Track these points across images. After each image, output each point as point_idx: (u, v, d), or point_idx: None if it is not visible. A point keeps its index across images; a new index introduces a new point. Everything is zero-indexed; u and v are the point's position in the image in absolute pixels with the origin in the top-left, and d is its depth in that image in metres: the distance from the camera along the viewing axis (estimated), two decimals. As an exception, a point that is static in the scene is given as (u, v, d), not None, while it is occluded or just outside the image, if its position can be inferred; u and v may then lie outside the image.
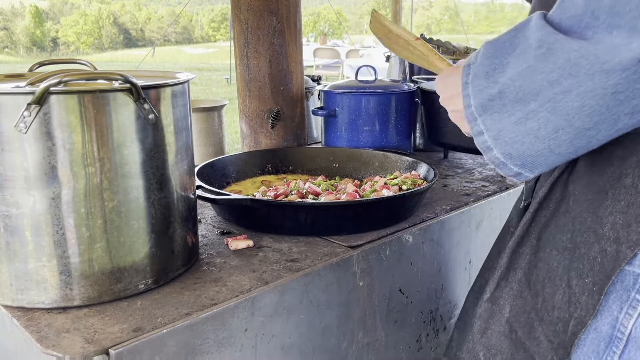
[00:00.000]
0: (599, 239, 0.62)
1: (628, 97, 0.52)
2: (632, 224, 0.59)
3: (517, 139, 0.60)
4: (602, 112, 0.53)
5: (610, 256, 0.61)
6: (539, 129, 0.57)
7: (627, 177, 0.60)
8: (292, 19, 1.46)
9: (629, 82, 0.51)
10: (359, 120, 1.50)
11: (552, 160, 0.60)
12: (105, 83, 0.77)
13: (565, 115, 0.55)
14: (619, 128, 0.54)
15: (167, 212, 0.80)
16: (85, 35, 37.13)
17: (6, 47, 30.77)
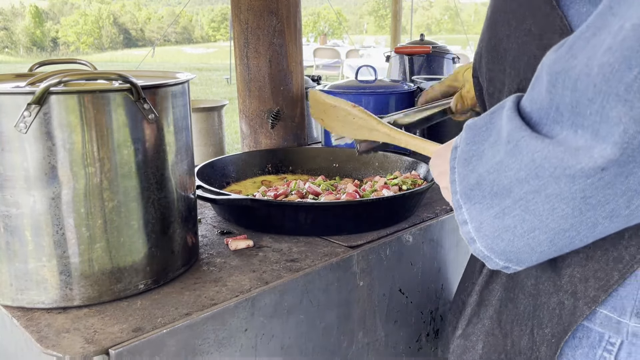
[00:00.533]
0: (557, 289, 0.60)
1: (600, 202, 0.47)
2: (589, 278, 0.57)
3: (496, 234, 0.55)
4: (575, 215, 0.49)
5: (567, 310, 0.59)
6: (515, 227, 0.53)
7: None
8: (292, 19, 1.46)
9: (596, 188, 0.46)
10: (359, 120, 1.50)
11: (539, 257, 0.55)
12: (105, 83, 0.77)
13: (539, 216, 0.51)
14: (602, 231, 0.50)
15: (167, 212, 0.80)
16: (85, 35, 37.13)
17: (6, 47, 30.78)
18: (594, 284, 0.57)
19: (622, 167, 0.44)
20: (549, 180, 0.49)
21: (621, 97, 0.42)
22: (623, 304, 0.56)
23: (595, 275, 0.57)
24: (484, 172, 0.55)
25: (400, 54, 2.14)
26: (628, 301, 0.56)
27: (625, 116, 0.42)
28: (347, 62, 11.02)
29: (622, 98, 0.42)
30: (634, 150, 0.43)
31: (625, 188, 0.46)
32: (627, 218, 0.48)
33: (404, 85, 1.56)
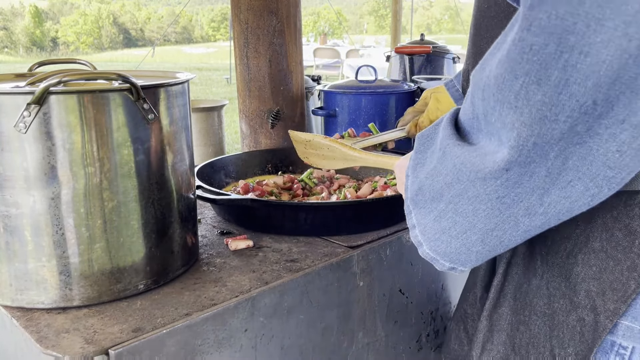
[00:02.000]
0: (575, 307, 0.60)
1: (515, 201, 0.51)
2: (606, 291, 0.57)
3: (436, 236, 0.59)
4: (496, 214, 0.52)
5: (589, 326, 0.58)
6: (450, 229, 0.57)
7: (595, 241, 0.58)
8: (292, 19, 1.46)
9: (506, 187, 0.50)
10: (359, 120, 1.50)
11: (477, 257, 0.57)
12: (104, 83, 0.77)
13: (466, 217, 0.55)
14: (526, 229, 0.53)
15: (167, 212, 0.80)
16: (85, 35, 37.13)
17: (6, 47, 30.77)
18: (612, 296, 0.56)
19: (523, 167, 0.48)
20: (468, 183, 0.53)
21: (512, 104, 0.46)
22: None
23: (612, 287, 0.56)
24: (423, 178, 0.60)
25: (400, 54, 2.14)
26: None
27: (517, 121, 0.46)
28: (347, 62, 11.02)
29: (513, 105, 0.46)
30: (529, 151, 0.47)
31: (533, 186, 0.49)
32: (545, 216, 0.51)
33: (404, 85, 1.56)
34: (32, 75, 0.86)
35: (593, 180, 0.47)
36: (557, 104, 0.44)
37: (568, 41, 0.42)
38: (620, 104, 0.43)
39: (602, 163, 0.46)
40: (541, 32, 0.43)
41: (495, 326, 0.71)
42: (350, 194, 1.12)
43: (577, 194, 0.48)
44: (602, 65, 0.42)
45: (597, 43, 0.41)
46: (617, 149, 0.45)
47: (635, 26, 0.40)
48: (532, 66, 0.44)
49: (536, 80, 0.44)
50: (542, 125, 0.45)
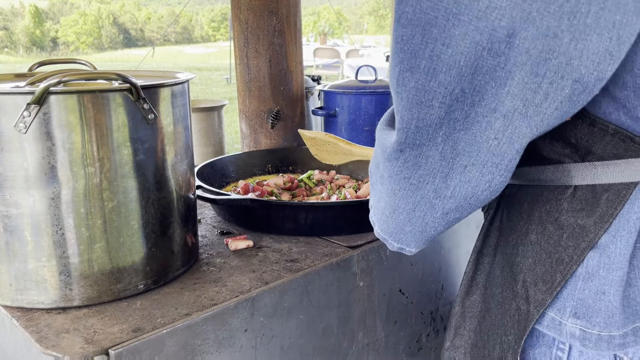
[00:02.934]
0: (514, 295, 0.62)
1: (421, 182, 0.54)
2: (538, 282, 0.59)
3: (378, 216, 0.62)
4: (410, 195, 0.56)
5: (523, 314, 0.60)
6: (384, 209, 0.60)
7: (532, 233, 0.60)
8: (292, 19, 1.46)
9: (408, 169, 0.54)
10: (359, 120, 1.50)
11: (413, 238, 0.60)
12: (104, 83, 0.77)
13: (390, 197, 0.58)
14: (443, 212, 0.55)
15: (167, 212, 0.80)
16: (85, 35, 37.12)
17: (6, 47, 30.76)
18: (542, 287, 0.58)
19: (414, 149, 0.52)
20: (382, 164, 0.57)
21: (395, 90, 0.51)
22: (564, 305, 0.58)
23: (543, 279, 0.58)
24: (370, 163, 0.65)
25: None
26: (568, 302, 0.57)
27: (399, 106, 0.51)
28: (347, 62, 11.02)
29: (395, 91, 0.51)
30: (414, 134, 0.51)
31: (432, 168, 0.53)
32: (455, 199, 0.54)
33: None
34: (32, 75, 0.86)
35: (485, 166, 0.51)
36: (428, 91, 0.48)
37: (431, 33, 0.46)
38: (489, 94, 0.47)
39: (487, 150, 0.50)
40: (408, 24, 0.47)
41: (468, 313, 0.73)
42: (350, 194, 1.12)
43: (475, 179, 0.52)
44: (461, 56, 0.46)
45: (456, 36, 0.45)
46: (495, 137, 0.49)
47: (485, 20, 0.44)
48: (404, 55, 0.48)
49: (409, 68, 0.48)
50: (419, 110, 0.49)
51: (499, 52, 0.45)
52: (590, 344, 0.57)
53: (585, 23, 0.43)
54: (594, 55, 0.44)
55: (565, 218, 0.57)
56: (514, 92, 0.47)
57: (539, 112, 0.47)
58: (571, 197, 0.57)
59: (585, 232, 0.55)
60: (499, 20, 0.44)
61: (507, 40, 0.44)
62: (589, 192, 0.55)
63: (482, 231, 0.72)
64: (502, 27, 0.44)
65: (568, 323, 0.58)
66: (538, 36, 0.44)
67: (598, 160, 0.54)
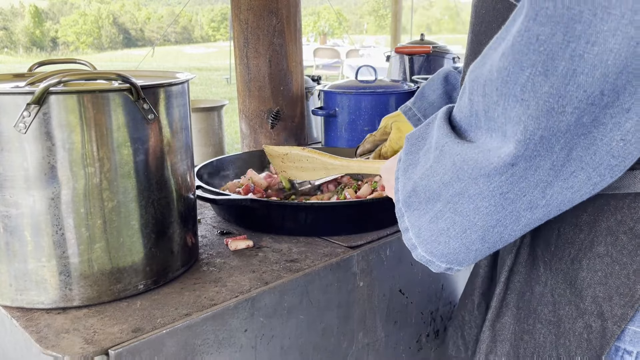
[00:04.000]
0: (581, 313, 0.59)
1: (518, 196, 0.50)
2: (613, 296, 0.56)
3: (433, 237, 0.58)
4: (498, 211, 0.52)
5: (596, 332, 0.57)
6: (448, 229, 0.56)
7: (600, 245, 0.57)
8: (292, 19, 1.46)
9: (511, 183, 0.49)
10: (359, 120, 1.50)
11: (475, 255, 0.57)
12: (104, 83, 0.77)
13: (466, 216, 0.54)
14: (527, 222, 0.52)
15: (167, 212, 0.80)
16: (85, 35, 37.12)
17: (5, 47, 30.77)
18: (619, 301, 0.56)
19: (529, 161, 0.47)
20: (469, 181, 0.52)
21: (518, 97, 0.45)
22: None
23: (619, 292, 0.56)
24: (417, 179, 0.58)
25: (400, 54, 2.14)
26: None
27: (524, 115, 0.45)
28: (347, 62, 11.02)
29: (519, 98, 0.45)
30: (536, 144, 0.46)
31: (537, 180, 0.48)
32: (546, 208, 0.50)
33: (403, 85, 1.56)
34: (32, 75, 0.86)
35: (596, 169, 0.47)
36: (564, 96, 0.43)
37: (575, 30, 0.41)
38: (627, 93, 0.43)
39: (606, 152, 0.46)
40: (548, 21, 0.42)
41: (499, 336, 0.70)
42: (350, 194, 1.12)
43: (579, 184, 0.48)
44: (609, 54, 0.41)
45: (604, 32, 0.40)
46: (622, 138, 0.45)
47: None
48: (538, 57, 0.43)
49: (543, 71, 0.43)
50: (549, 118, 0.45)
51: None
52: None
53: None
54: None
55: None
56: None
57: None
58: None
59: None
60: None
61: None
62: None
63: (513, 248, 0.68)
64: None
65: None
66: None
67: None
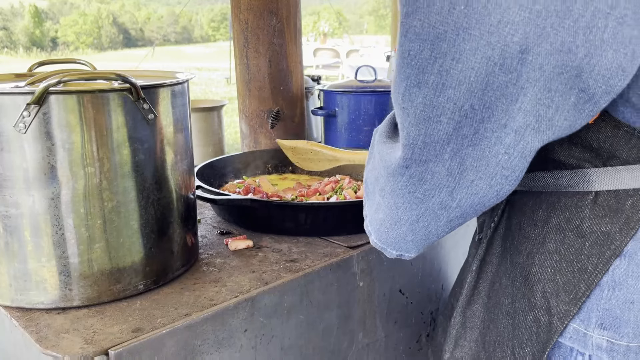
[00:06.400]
0: (532, 307, 0.60)
1: (426, 197, 0.53)
2: (560, 292, 0.57)
3: (377, 227, 0.61)
4: (413, 208, 0.54)
5: (544, 326, 0.58)
6: (384, 220, 0.59)
7: (550, 242, 0.58)
8: (292, 19, 1.46)
9: (413, 184, 0.52)
10: (358, 120, 1.50)
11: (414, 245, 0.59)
12: (104, 83, 0.77)
13: (392, 210, 0.57)
14: (448, 220, 0.54)
15: (167, 212, 0.80)
16: (85, 35, 37.11)
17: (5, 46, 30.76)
18: (564, 297, 0.56)
19: (421, 165, 0.51)
20: (385, 178, 0.56)
21: (400, 105, 0.49)
22: (589, 316, 0.56)
23: (565, 289, 0.56)
24: (367, 172, 0.63)
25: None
26: (593, 312, 0.55)
27: (406, 122, 0.49)
28: (347, 62, 11.02)
29: (401, 107, 0.49)
30: (421, 150, 0.50)
31: (438, 183, 0.51)
32: (460, 209, 0.53)
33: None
34: (32, 75, 0.86)
35: (493, 178, 0.50)
36: (437, 106, 0.47)
37: (441, 48, 0.45)
38: (499, 110, 0.46)
39: (496, 164, 0.49)
40: (416, 39, 0.45)
41: (469, 323, 0.71)
42: (349, 195, 1.12)
43: (483, 191, 0.51)
44: (472, 72, 0.44)
45: (466, 50, 0.44)
46: (505, 151, 0.48)
47: (497, 35, 0.43)
48: (412, 70, 0.47)
49: (416, 83, 0.47)
50: (427, 126, 0.48)
51: (511, 68, 0.44)
52: (618, 356, 0.55)
53: (602, 38, 0.41)
54: (605, 71, 0.43)
55: (588, 225, 0.55)
56: (526, 108, 0.45)
57: (551, 126, 0.46)
58: (592, 203, 0.55)
59: (610, 240, 0.53)
60: (512, 35, 0.42)
61: (519, 57, 0.43)
62: (611, 198, 0.54)
63: (485, 239, 0.70)
64: (515, 43, 0.42)
65: (594, 334, 0.55)
66: (552, 52, 0.42)
67: (622, 164, 0.52)
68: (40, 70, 0.88)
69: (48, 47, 32.57)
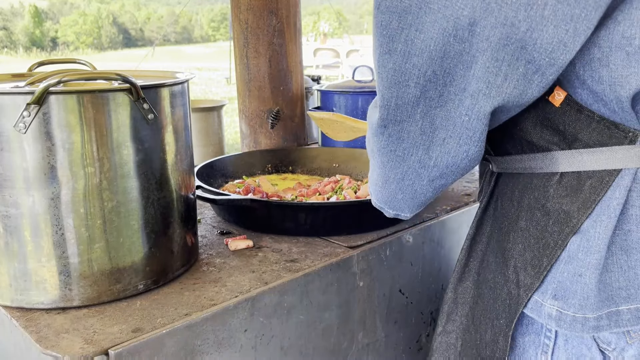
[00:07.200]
0: (506, 281, 0.64)
1: (406, 155, 0.59)
2: (527, 267, 0.60)
3: (373, 187, 0.68)
4: (397, 166, 0.61)
5: (514, 299, 0.62)
6: (377, 180, 0.66)
7: (522, 220, 0.62)
8: (292, 19, 1.46)
9: (393, 143, 0.59)
10: (358, 120, 1.50)
11: (405, 204, 0.66)
12: (104, 83, 0.77)
13: (381, 169, 0.64)
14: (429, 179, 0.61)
15: (167, 212, 0.80)
16: (85, 35, 37.11)
17: (5, 46, 30.76)
18: (530, 271, 0.60)
19: (396, 125, 0.58)
20: (372, 139, 0.62)
21: (376, 71, 0.56)
22: (547, 288, 0.59)
23: (532, 263, 0.60)
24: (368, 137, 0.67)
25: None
26: (550, 285, 0.59)
27: (380, 85, 0.56)
28: (347, 62, 11.02)
29: (377, 72, 0.56)
30: (395, 111, 0.56)
31: (414, 141, 0.58)
32: (438, 168, 0.59)
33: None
34: (32, 75, 0.86)
35: (460, 138, 0.56)
36: (405, 72, 0.53)
37: (406, 19, 0.51)
38: (458, 75, 0.52)
39: (460, 124, 0.55)
40: (387, 11, 0.52)
41: (460, 299, 0.75)
42: (349, 195, 1.12)
43: (454, 150, 0.57)
44: (431, 41, 0.51)
45: (427, 22, 0.50)
46: (466, 113, 0.54)
47: (451, 9, 0.49)
48: (383, 39, 0.53)
49: (387, 50, 0.53)
50: (398, 89, 0.54)
51: (464, 38, 0.50)
52: (565, 325, 0.58)
53: (542, 15, 0.47)
54: (547, 45, 0.48)
55: (552, 204, 0.59)
56: (478, 75, 0.51)
57: (500, 92, 0.52)
58: (557, 183, 0.58)
59: (569, 218, 0.57)
60: (462, 9, 0.48)
61: (469, 29, 0.49)
62: (574, 179, 0.57)
63: (476, 219, 0.74)
64: (465, 16, 0.48)
65: (547, 304, 0.59)
66: (496, 25, 0.48)
67: (584, 147, 0.56)
68: (40, 70, 0.88)
69: (48, 47, 32.56)
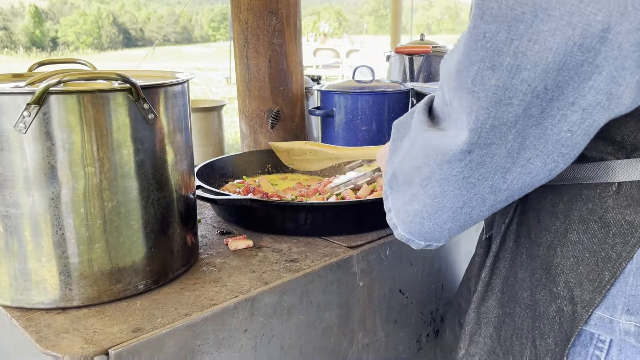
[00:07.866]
0: (554, 297, 0.61)
1: (480, 181, 0.54)
2: (583, 282, 0.58)
3: (410, 218, 0.62)
4: (463, 194, 0.55)
5: (567, 316, 0.60)
6: (422, 211, 0.60)
7: (573, 233, 0.60)
8: (292, 19, 1.46)
9: (471, 169, 0.53)
10: (356, 120, 1.50)
11: (449, 233, 0.61)
12: (104, 83, 0.77)
13: (436, 198, 0.58)
14: (492, 204, 0.56)
15: (167, 212, 0.80)
16: (85, 35, 37.10)
17: (5, 46, 30.75)
18: (588, 286, 0.58)
19: (484, 149, 0.51)
20: (435, 166, 0.56)
21: (469, 89, 0.49)
22: (615, 303, 0.57)
23: (588, 278, 0.58)
24: (398, 164, 0.63)
25: (400, 54, 2.14)
26: (619, 299, 0.57)
27: (475, 105, 0.49)
28: (347, 62, 11.02)
29: (470, 90, 0.49)
30: (488, 133, 0.50)
31: (496, 166, 0.52)
32: (508, 191, 0.54)
33: (400, 86, 1.56)
34: (32, 75, 0.86)
35: (549, 156, 0.50)
36: (510, 88, 0.47)
37: (517, 29, 0.45)
38: (570, 88, 0.46)
39: (556, 141, 0.49)
40: (493, 20, 0.46)
41: (483, 319, 0.72)
42: (349, 195, 1.12)
43: (536, 170, 0.52)
44: (549, 52, 0.45)
45: (544, 31, 0.44)
46: (569, 129, 0.48)
47: (579, 15, 0.43)
48: (485, 52, 0.47)
49: (490, 65, 0.47)
50: (497, 109, 0.48)
51: (590, 47, 0.44)
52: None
53: None
54: None
55: (612, 215, 0.56)
56: (599, 86, 0.46)
57: (619, 103, 0.47)
58: (616, 194, 0.56)
59: (634, 228, 0.55)
60: (594, 14, 0.43)
61: (601, 35, 0.43)
62: (634, 189, 0.55)
63: (498, 236, 0.71)
64: (598, 22, 0.43)
65: (621, 320, 0.57)
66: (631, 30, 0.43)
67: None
68: (41, 70, 0.88)
69: (48, 47, 32.54)
